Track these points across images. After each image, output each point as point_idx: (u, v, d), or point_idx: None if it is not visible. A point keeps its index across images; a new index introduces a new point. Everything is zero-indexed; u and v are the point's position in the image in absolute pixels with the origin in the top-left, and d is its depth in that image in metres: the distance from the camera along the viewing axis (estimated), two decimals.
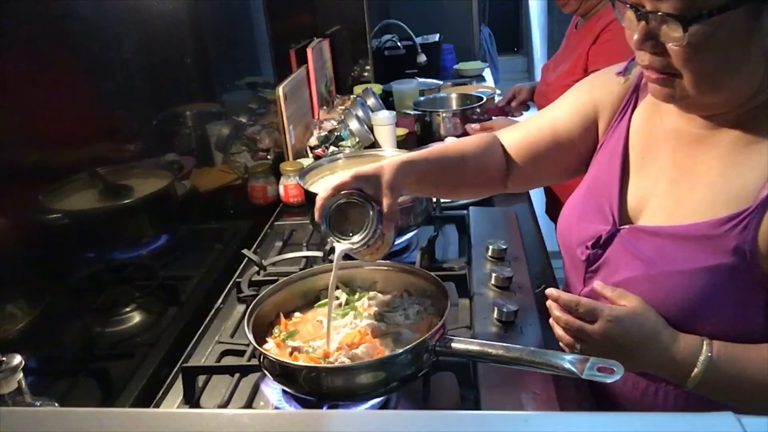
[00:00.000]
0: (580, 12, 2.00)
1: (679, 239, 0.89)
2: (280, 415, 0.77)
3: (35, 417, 0.63)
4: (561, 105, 1.14)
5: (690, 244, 0.88)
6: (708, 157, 0.90)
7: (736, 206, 0.85)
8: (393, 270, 1.13)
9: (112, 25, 1.15)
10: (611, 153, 1.02)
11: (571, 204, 1.08)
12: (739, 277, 0.85)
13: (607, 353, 0.84)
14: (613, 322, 0.85)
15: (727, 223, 0.85)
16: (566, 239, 1.05)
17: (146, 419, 0.61)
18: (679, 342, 0.87)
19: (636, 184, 0.98)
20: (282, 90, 1.87)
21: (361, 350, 0.94)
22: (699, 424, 0.50)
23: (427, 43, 3.14)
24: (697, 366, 0.85)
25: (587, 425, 0.53)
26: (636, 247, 0.93)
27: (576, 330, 0.88)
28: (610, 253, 0.97)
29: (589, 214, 1.02)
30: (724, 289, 0.86)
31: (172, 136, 1.41)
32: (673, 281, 0.88)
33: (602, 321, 0.86)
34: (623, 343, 0.86)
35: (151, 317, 1.21)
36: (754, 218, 0.83)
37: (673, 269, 0.89)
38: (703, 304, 0.87)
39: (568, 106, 1.12)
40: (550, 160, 1.12)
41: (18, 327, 0.88)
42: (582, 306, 0.87)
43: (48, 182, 0.96)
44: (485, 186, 1.19)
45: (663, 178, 0.95)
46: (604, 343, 0.86)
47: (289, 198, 1.78)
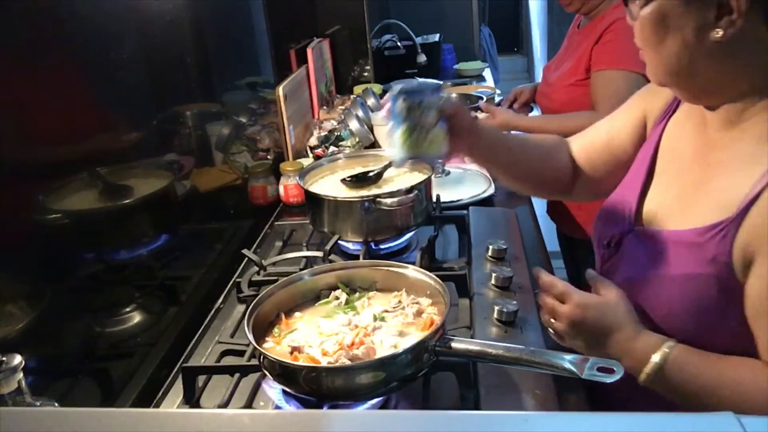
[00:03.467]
0: (583, 11, 2.00)
1: (672, 244, 0.91)
2: (280, 415, 0.77)
3: (35, 417, 0.63)
4: (617, 116, 1.16)
5: (681, 250, 0.90)
6: (715, 166, 0.91)
7: (721, 215, 0.85)
8: (393, 270, 1.12)
9: (112, 25, 1.15)
10: (642, 158, 1.04)
11: (604, 204, 1.11)
12: (718, 286, 0.85)
13: (573, 334, 0.93)
14: (579, 308, 0.92)
15: (709, 231, 0.86)
16: (593, 237, 1.11)
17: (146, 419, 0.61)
18: (640, 338, 0.90)
19: (655, 189, 1.00)
20: (282, 90, 1.87)
21: (361, 350, 0.94)
22: (699, 424, 0.50)
23: (427, 43, 3.14)
24: (649, 364, 0.88)
25: (587, 425, 0.53)
26: (638, 250, 0.96)
27: (549, 309, 0.96)
28: (620, 254, 1.01)
29: (611, 214, 1.05)
30: (705, 297, 0.87)
31: (172, 136, 1.41)
32: (656, 286, 0.92)
33: (570, 304, 0.93)
34: (586, 327, 0.92)
35: (151, 317, 1.21)
36: (733, 228, 0.83)
37: (656, 274, 0.92)
38: (683, 311, 0.89)
39: (623, 117, 1.14)
40: (607, 167, 1.16)
41: (18, 327, 0.87)
42: (556, 288, 0.95)
43: (48, 182, 0.96)
44: (551, 184, 1.24)
45: (676, 184, 0.97)
46: (570, 325, 0.93)
47: (289, 198, 1.78)
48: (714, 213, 0.86)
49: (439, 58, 3.28)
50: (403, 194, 1.34)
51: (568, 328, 0.94)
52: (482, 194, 1.70)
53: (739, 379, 0.85)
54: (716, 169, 0.90)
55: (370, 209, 1.35)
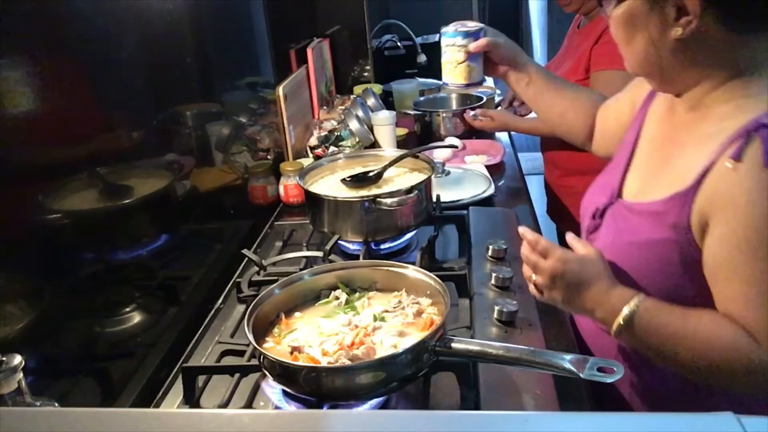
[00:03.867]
0: (582, 11, 2.00)
1: (640, 214, 1.02)
2: (280, 415, 0.77)
3: (35, 417, 0.63)
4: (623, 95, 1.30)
5: (646, 219, 1.00)
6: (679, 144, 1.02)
7: (680, 186, 0.95)
8: (393, 270, 1.12)
9: (112, 25, 1.15)
10: (627, 140, 1.16)
11: (595, 181, 1.22)
12: (678, 252, 0.95)
13: (552, 287, 1.00)
14: (559, 261, 0.98)
15: (670, 201, 0.96)
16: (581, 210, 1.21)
17: (146, 419, 0.61)
18: (614, 291, 0.97)
19: (634, 166, 1.12)
20: (282, 90, 1.87)
21: (361, 350, 0.94)
22: (699, 424, 0.50)
23: (427, 43, 3.14)
24: (624, 311, 0.94)
25: (587, 425, 0.53)
26: (616, 220, 1.07)
27: (532, 264, 1.02)
28: (602, 224, 1.11)
29: (599, 188, 1.17)
30: (662, 265, 0.97)
31: (172, 136, 1.41)
32: (628, 251, 1.01)
33: (552, 259, 0.99)
34: (566, 279, 0.98)
35: (151, 317, 1.21)
36: (690, 196, 0.93)
37: (629, 239, 1.02)
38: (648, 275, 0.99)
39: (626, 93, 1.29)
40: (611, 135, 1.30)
41: (18, 327, 0.87)
42: (540, 245, 1.01)
43: (48, 182, 0.96)
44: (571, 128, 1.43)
45: (650, 161, 1.09)
46: (551, 277, 0.99)
47: (289, 198, 1.78)
48: (674, 185, 0.96)
49: (439, 58, 3.27)
50: (403, 194, 1.34)
51: (549, 281, 1.00)
52: (482, 194, 1.70)
53: (702, 329, 0.92)
54: (680, 148, 1.01)
55: (370, 209, 1.35)
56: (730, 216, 0.88)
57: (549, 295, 1.02)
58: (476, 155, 2.06)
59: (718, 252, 0.90)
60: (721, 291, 0.92)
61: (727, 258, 0.89)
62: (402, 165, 1.51)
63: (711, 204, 0.90)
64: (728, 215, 0.88)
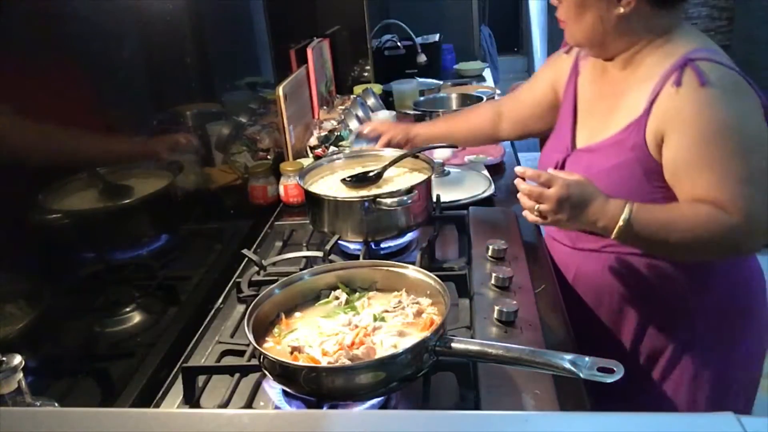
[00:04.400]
0: None
1: (600, 149, 1.27)
2: (280, 415, 0.77)
3: (35, 417, 0.63)
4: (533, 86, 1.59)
5: (607, 150, 1.25)
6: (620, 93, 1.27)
7: (631, 117, 1.22)
8: (393, 270, 1.12)
9: (112, 25, 1.15)
10: (566, 107, 1.42)
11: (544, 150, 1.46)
12: (641, 167, 1.20)
13: (558, 209, 1.13)
14: (564, 187, 1.13)
15: (626, 129, 1.22)
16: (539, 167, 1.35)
17: (146, 419, 0.61)
18: (610, 202, 1.15)
19: (581, 123, 1.37)
20: (282, 90, 1.87)
21: (361, 350, 0.94)
22: (699, 424, 0.50)
23: (427, 43, 3.14)
24: (623, 214, 1.13)
25: (587, 425, 0.53)
26: (578, 163, 1.30)
27: (537, 195, 1.14)
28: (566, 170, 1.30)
29: (552, 149, 1.42)
30: (632, 180, 1.21)
31: (172, 136, 1.41)
32: (598, 179, 1.18)
33: (557, 186, 1.13)
34: (571, 201, 1.13)
35: (151, 317, 1.21)
36: (642, 121, 1.19)
37: (596, 170, 1.23)
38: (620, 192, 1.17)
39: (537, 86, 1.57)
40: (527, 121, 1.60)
41: (18, 327, 0.87)
42: (543, 176, 1.15)
43: (48, 182, 0.96)
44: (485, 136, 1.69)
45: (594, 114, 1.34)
46: (558, 202, 1.13)
47: (289, 198, 1.78)
48: (626, 118, 1.23)
49: (439, 58, 3.27)
50: (403, 194, 1.34)
51: (555, 205, 1.13)
52: (482, 194, 1.70)
53: (685, 213, 1.16)
54: (621, 95, 1.27)
55: (370, 209, 1.35)
56: (681, 126, 1.15)
57: (554, 218, 1.15)
58: (476, 155, 2.06)
59: (677, 155, 1.16)
60: (687, 185, 1.16)
61: (687, 157, 1.15)
62: (402, 165, 1.51)
63: (663, 122, 1.17)
64: (680, 126, 1.15)
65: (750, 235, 1.15)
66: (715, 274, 1.29)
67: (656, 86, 1.18)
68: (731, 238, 1.15)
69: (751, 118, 1.15)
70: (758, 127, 1.15)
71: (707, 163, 1.14)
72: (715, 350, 1.31)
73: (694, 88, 1.14)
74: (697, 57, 1.16)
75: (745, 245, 1.19)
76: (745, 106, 1.15)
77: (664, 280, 1.29)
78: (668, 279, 1.28)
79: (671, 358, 1.32)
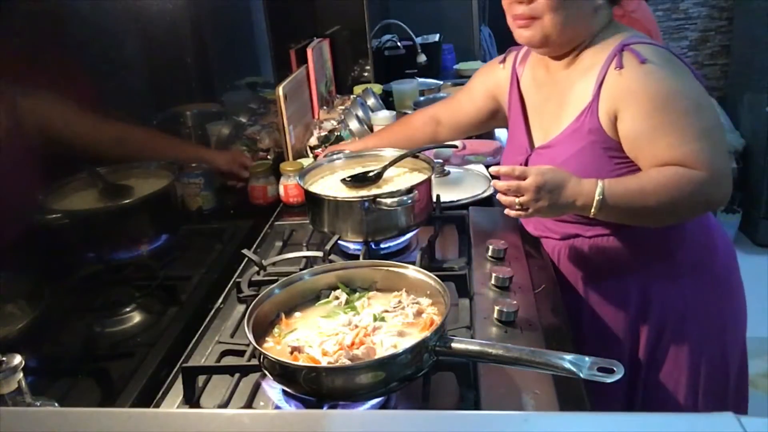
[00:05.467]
0: None
1: (559, 142, 1.34)
2: (280, 415, 0.77)
3: (35, 417, 0.63)
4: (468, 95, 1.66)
5: (566, 140, 1.32)
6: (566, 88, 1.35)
7: (582, 104, 1.30)
8: (393, 270, 1.12)
9: (112, 25, 1.15)
10: (515, 112, 1.49)
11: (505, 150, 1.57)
12: (600, 148, 1.28)
13: (538, 197, 1.18)
14: (539, 175, 1.18)
15: (579, 117, 1.30)
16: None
17: (146, 419, 0.61)
18: (583, 182, 1.21)
19: (533, 123, 1.45)
20: (282, 90, 1.87)
21: (361, 350, 0.94)
22: (699, 424, 0.50)
23: (427, 43, 3.13)
24: (597, 190, 1.19)
25: (587, 425, 0.53)
26: (540, 160, 1.35)
27: (515, 188, 1.19)
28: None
29: (512, 152, 1.49)
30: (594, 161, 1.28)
31: (172, 136, 1.41)
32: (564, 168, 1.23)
33: (532, 176, 1.18)
34: (548, 187, 1.18)
35: (151, 317, 1.21)
36: (593, 106, 1.28)
37: (560, 161, 1.28)
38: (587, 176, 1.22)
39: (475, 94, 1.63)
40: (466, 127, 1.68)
41: (18, 327, 0.87)
42: (517, 170, 1.20)
43: (48, 182, 0.96)
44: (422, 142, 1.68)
45: (545, 112, 1.41)
46: (536, 189, 1.18)
47: (289, 198, 1.78)
48: (577, 108, 1.31)
49: (439, 58, 3.27)
50: (403, 194, 1.34)
51: (534, 194, 1.18)
52: (482, 194, 1.70)
53: (655, 177, 1.22)
54: (567, 91, 1.35)
55: (370, 209, 1.35)
56: (632, 101, 1.23)
57: (535, 207, 1.19)
58: (476, 155, 2.06)
59: (634, 128, 1.24)
60: (648, 153, 1.24)
61: (643, 127, 1.23)
62: (402, 165, 1.51)
63: (614, 101, 1.25)
64: (631, 101, 1.23)
65: (718, 186, 1.23)
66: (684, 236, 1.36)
67: (600, 73, 1.28)
68: (702, 191, 1.22)
69: (691, 83, 1.26)
70: (699, 90, 1.26)
71: (663, 129, 1.22)
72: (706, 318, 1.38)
73: (635, 66, 1.24)
74: (631, 42, 1.28)
75: (715, 196, 1.26)
76: (683, 74, 1.26)
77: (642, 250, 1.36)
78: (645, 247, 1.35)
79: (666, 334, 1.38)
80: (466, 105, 1.65)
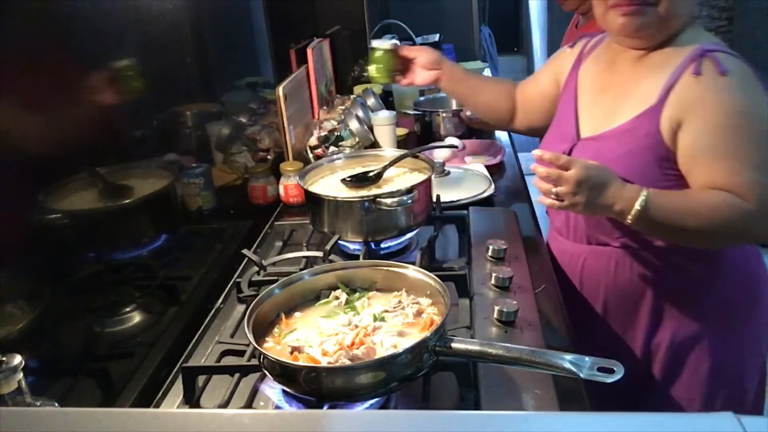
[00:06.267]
0: (581, 11, 2.00)
1: (611, 137, 1.27)
2: (280, 415, 0.77)
3: (35, 417, 0.63)
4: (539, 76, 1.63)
5: (618, 138, 1.26)
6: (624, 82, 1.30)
7: (644, 104, 1.23)
8: (393, 270, 1.12)
9: (112, 25, 1.15)
10: (567, 98, 1.44)
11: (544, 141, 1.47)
12: (653, 154, 1.21)
13: (577, 191, 1.14)
14: (584, 169, 1.13)
15: (639, 118, 1.23)
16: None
17: (146, 419, 0.61)
18: (626, 186, 1.16)
19: (584, 113, 1.38)
20: (282, 90, 1.87)
21: (361, 350, 0.94)
22: (699, 424, 0.50)
23: (427, 43, 3.13)
24: (639, 198, 1.14)
25: (587, 425, 0.53)
26: (585, 152, 1.28)
27: (556, 176, 1.14)
28: None
29: (555, 139, 1.41)
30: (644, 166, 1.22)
31: (172, 136, 1.41)
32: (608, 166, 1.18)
33: (576, 167, 1.13)
34: (590, 183, 1.14)
35: (151, 317, 1.21)
36: (657, 109, 1.21)
37: (606, 158, 1.21)
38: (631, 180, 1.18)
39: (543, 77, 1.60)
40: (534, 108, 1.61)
41: (18, 327, 0.87)
42: (562, 158, 1.15)
43: (48, 182, 0.96)
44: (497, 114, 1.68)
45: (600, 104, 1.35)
46: (577, 183, 1.13)
47: (289, 198, 1.78)
48: (637, 107, 1.24)
49: None
50: (403, 194, 1.34)
51: (574, 187, 1.13)
52: (482, 194, 1.70)
53: (701, 199, 1.17)
54: (629, 86, 1.29)
55: (370, 209, 1.35)
56: (702, 113, 1.17)
57: (571, 200, 1.15)
58: (476, 155, 2.06)
59: (696, 142, 1.18)
60: (703, 171, 1.18)
61: (706, 144, 1.17)
62: (402, 165, 1.51)
63: (681, 109, 1.18)
64: (700, 113, 1.17)
65: (765, 221, 1.17)
66: (726, 264, 1.31)
67: (672, 76, 1.21)
68: (747, 224, 1.17)
69: (765, 106, 1.19)
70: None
71: (726, 150, 1.16)
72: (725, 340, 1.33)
73: (714, 76, 1.17)
74: (712, 48, 1.20)
75: (760, 231, 1.21)
76: (760, 96, 1.19)
77: (677, 273, 1.30)
78: (680, 271, 1.30)
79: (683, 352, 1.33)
80: (532, 89, 1.61)
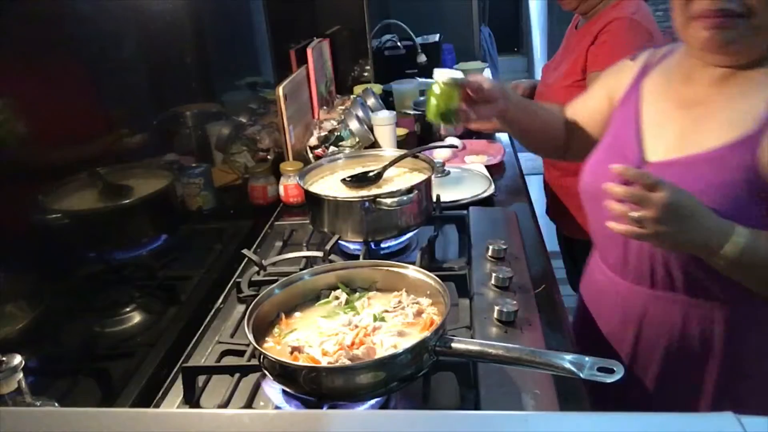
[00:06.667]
0: (581, 11, 2.00)
1: (694, 165, 1.08)
2: (280, 415, 0.77)
3: (35, 417, 0.63)
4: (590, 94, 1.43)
5: (705, 166, 1.06)
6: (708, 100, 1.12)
7: (739, 131, 1.05)
8: (393, 270, 1.12)
9: (112, 25, 1.15)
10: (626, 115, 1.24)
11: (596, 160, 1.26)
12: (748, 189, 1.03)
13: (664, 219, 0.98)
14: (674, 192, 0.98)
15: (734, 146, 1.04)
16: (594, 186, 1.18)
17: (146, 419, 0.61)
18: (719, 220, 1.01)
19: (651, 133, 1.18)
20: (282, 90, 1.87)
21: (361, 350, 0.94)
22: (699, 424, 0.50)
23: (427, 43, 3.14)
24: (735, 236, 0.99)
25: (587, 425, 0.53)
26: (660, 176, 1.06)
27: (639, 197, 0.98)
28: None
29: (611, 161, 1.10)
30: (738, 201, 1.03)
31: (172, 136, 1.41)
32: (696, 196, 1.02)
33: (666, 191, 0.97)
34: (681, 211, 0.99)
35: (151, 317, 1.21)
36: (755, 137, 1.03)
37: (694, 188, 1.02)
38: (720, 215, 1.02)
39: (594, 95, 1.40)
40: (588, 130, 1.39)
41: (18, 327, 0.87)
42: (649, 178, 0.98)
43: (48, 182, 0.96)
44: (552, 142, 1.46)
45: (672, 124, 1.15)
46: (665, 208, 0.97)
47: (289, 198, 1.78)
48: (729, 132, 1.06)
49: (439, 58, 3.27)
50: (403, 194, 1.34)
51: (661, 212, 0.97)
52: (482, 194, 1.70)
53: None
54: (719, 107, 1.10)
55: (370, 209, 1.35)
56: None
57: (655, 229, 0.99)
58: (476, 155, 2.06)
59: None
60: None
61: None
62: (402, 165, 1.51)
63: None
64: None
65: None
66: None
67: None
68: None
69: None
70: None
71: None
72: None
73: None
74: None
75: None
76: None
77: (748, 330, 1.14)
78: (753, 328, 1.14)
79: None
80: (581, 108, 1.42)
